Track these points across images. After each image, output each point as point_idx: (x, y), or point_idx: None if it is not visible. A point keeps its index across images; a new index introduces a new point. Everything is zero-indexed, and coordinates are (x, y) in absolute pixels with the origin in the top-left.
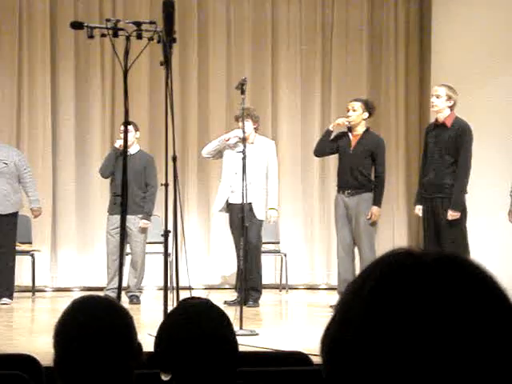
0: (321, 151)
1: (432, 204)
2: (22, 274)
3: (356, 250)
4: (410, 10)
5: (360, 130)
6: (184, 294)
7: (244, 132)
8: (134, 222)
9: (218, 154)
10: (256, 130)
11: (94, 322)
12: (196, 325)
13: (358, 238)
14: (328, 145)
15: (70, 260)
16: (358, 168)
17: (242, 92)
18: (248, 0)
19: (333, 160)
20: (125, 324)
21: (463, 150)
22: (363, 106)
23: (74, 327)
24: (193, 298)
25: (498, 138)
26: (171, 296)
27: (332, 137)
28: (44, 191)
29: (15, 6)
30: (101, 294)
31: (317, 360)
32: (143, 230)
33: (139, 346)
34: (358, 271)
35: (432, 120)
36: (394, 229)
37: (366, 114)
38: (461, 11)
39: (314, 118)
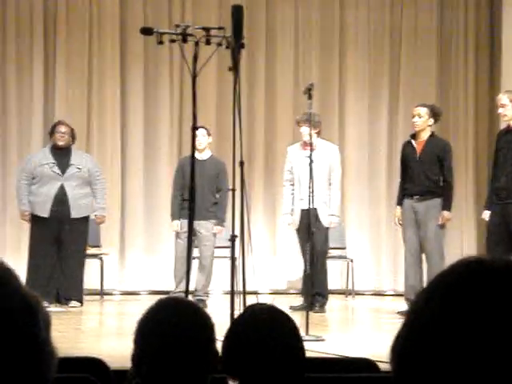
0: None
1: (503, 210)
2: (90, 277)
3: (423, 256)
4: (481, 15)
5: (424, 136)
6: (250, 299)
7: (310, 136)
8: (205, 226)
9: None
10: (318, 134)
11: (176, 323)
12: (263, 330)
13: (426, 243)
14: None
15: (138, 263)
16: (425, 174)
17: (310, 97)
18: (316, 4)
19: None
20: (206, 329)
21: None
22: (429, 112)
23: (156, 326)
24: (259, 303)
25: None
26: (238, 300)
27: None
28: (113, 195)
29: (85, 12)
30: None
31: (384, 367)
32: (214, 235)
33: (217, 353)
34: (425, 277)
35: (503, 126)
36: (462, 235)
37: (432, 121)
38: None
39: (382, 123)
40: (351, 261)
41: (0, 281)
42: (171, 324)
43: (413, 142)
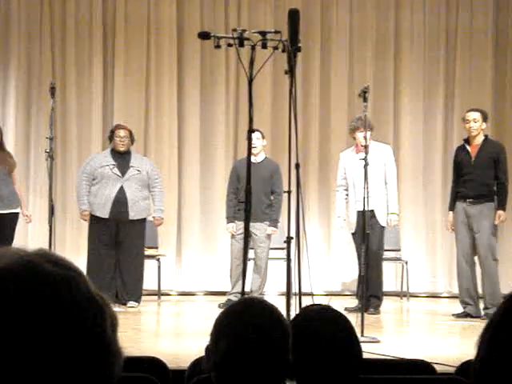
0: None
1: None
2: (148, 278)
3: (476, 259)
4: None
5: (479, 139)
6: (306, 300)
7: (366, 139)
8: (260, 228)
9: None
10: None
11: (252, 324)
12: (319, 331)
13: (479, 246)
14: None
15: (194, 264)
16: (480, 178)
17: (365, 100)
18: (371, 7)
19: None
20: (283, 336)
21: None
22: (482, 116)
23: (231, 323)
24: (315, 304)
25: None
26: (293, 302)
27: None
28: (170, 196)
29: (143, 17)
30: (224, 298)
31: (440, 368)
32: (269, 237)
33: (289, 362)
34: (479, 280)
35: None
36: None
37: (485, 124)
38: None
39: (437, 125)
40: (406, 263)
41: (69, 281)
42: (248, 324)
43: (467, 146)
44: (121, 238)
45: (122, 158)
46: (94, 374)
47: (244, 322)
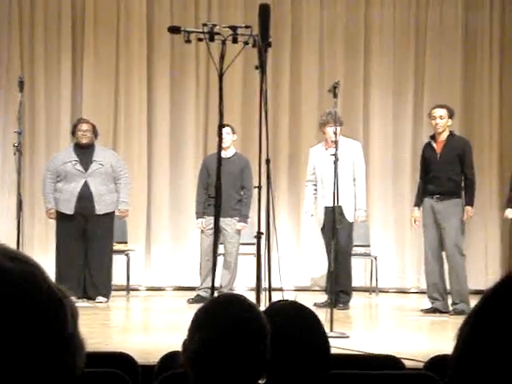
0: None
1: None
2: (116, 273)
3: (444, 255)
4: (506, 13)
5: (444, 136)
6: (275, 295)
7: (336, 134)
8: (230, 223)
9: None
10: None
11: (234, 321)
12: (287, 326)
13: (446, 242)
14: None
15: (164, 259)
16: (447, 174)
17: (335, 95)
18: (341, 3)
19: None
20: (258, 335)
21: None
22: (448, 113)
23: (207, 318)
24: (283, 300)
25: None
26: (263, 297)
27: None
28: (139, 192)
29: (113, 11)
30: (193, 293)
31: (408, 364)
32: (239, 232)
33: (265, 361)
34: (446, 275)
35: None
36: (486, 234)
37: (450, 121)
38: None
39: (406, 121)
40: (375, 258)
41: (26, 275)
42: (224, 320)
43: (432, 143)
44: (89, 234)
45: (84, 153)
46: (56, 366)
47: (221, 317)
